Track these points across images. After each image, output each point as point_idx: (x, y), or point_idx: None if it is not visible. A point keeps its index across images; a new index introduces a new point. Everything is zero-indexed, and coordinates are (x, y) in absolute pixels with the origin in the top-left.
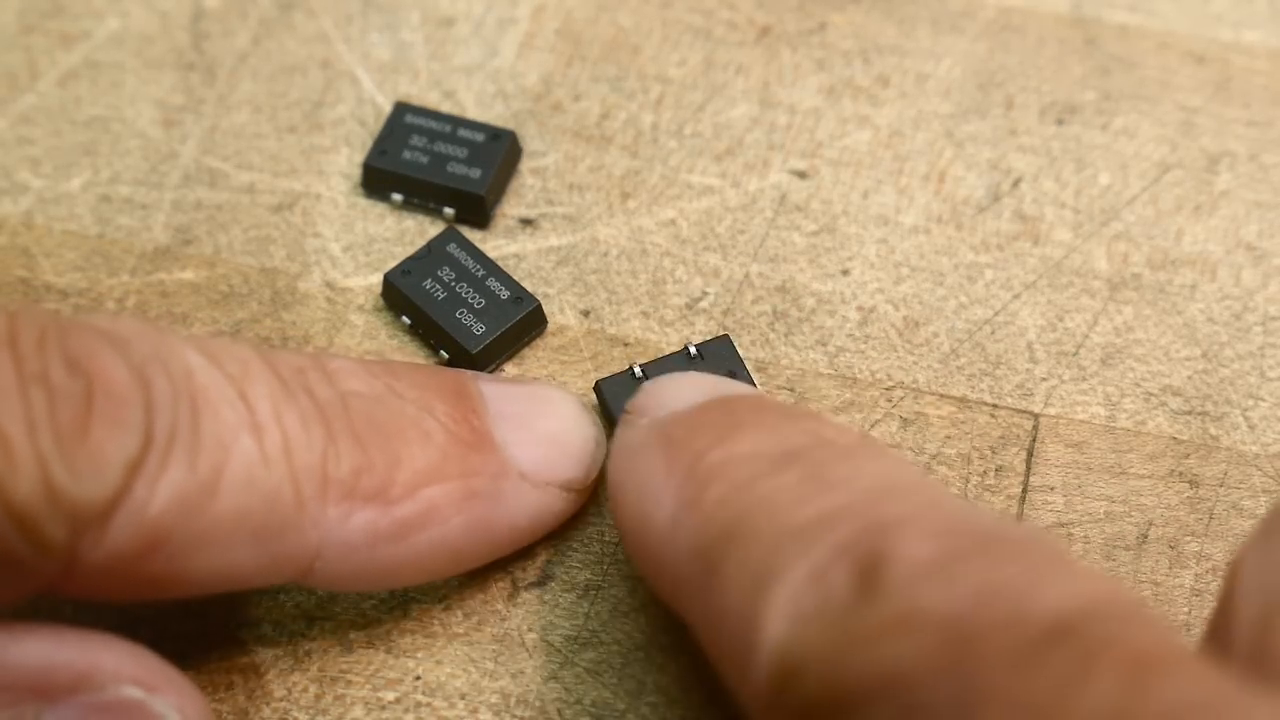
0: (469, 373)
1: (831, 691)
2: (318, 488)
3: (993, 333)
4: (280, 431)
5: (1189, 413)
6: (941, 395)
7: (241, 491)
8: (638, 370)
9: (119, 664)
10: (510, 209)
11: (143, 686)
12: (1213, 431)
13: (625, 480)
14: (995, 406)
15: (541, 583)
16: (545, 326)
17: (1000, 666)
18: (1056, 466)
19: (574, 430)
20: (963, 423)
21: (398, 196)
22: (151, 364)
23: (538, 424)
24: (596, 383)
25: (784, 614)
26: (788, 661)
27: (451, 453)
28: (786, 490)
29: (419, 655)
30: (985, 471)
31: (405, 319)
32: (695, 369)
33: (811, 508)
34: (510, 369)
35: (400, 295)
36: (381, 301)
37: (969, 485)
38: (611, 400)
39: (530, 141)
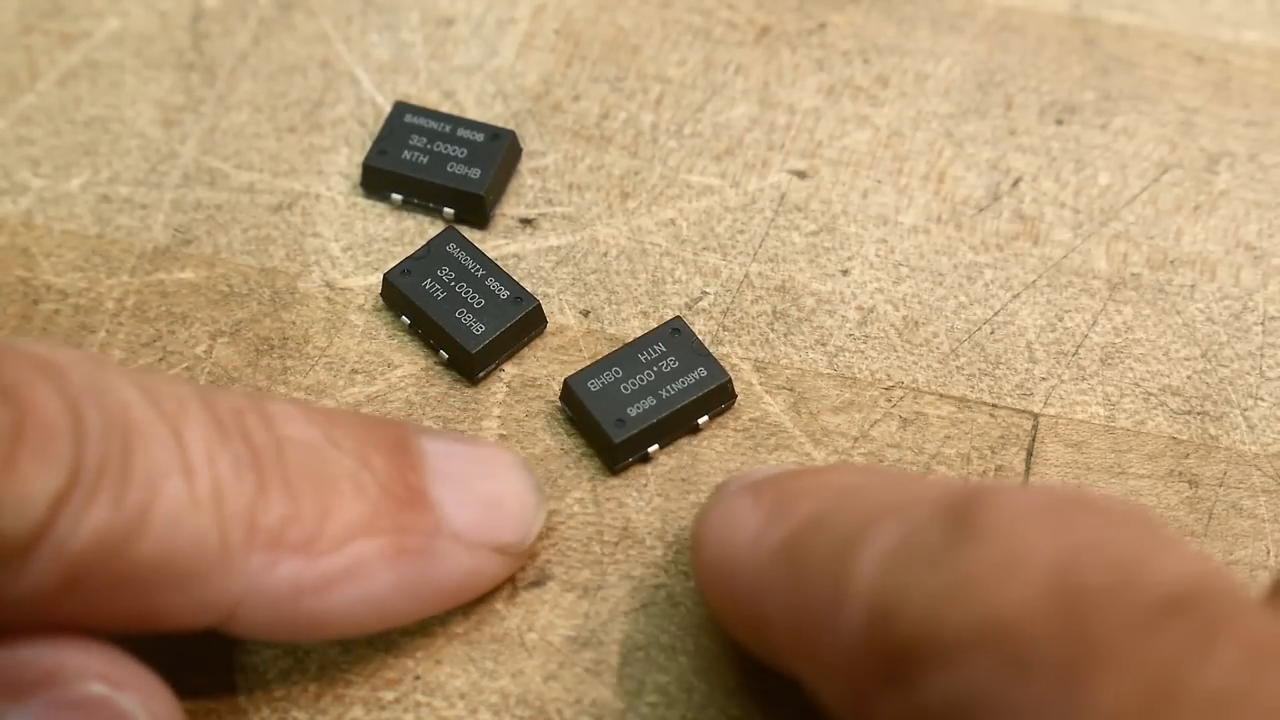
0: (413, 426)
1: (929, 636)
2: (244, 535)
3: (992, 333)
4: (211, 475)
5: (1188, 412)
6: (941, 395)
7: (167, 533)
8: (592, 385)
9: (85, 661)
10: (510, 209)
11: (109, 683)
12: (1212, 431)
13: (711, 517)
14: (995, 406)
15: (541, 583)
16: (545, 326)
17: (1119, 629)
18: (1056, 466)
19: (514, 494)
20: (962, 422)
21: (397, 196)
22: (86, 396)
23: (477, 485)
24: (565, 380)
25: (876, 561)
26: (880, 603)
27: (384, 508)
28: (875, 486)
29: (418, 655)
30: (985, 471)
31: (405, 319)
32: (652, 357)
33: (901, 490)
34: (510, 369)
35: (400, 295)
36: (381, 301)
37: None
38: (580, 392)
39: (530, 141)
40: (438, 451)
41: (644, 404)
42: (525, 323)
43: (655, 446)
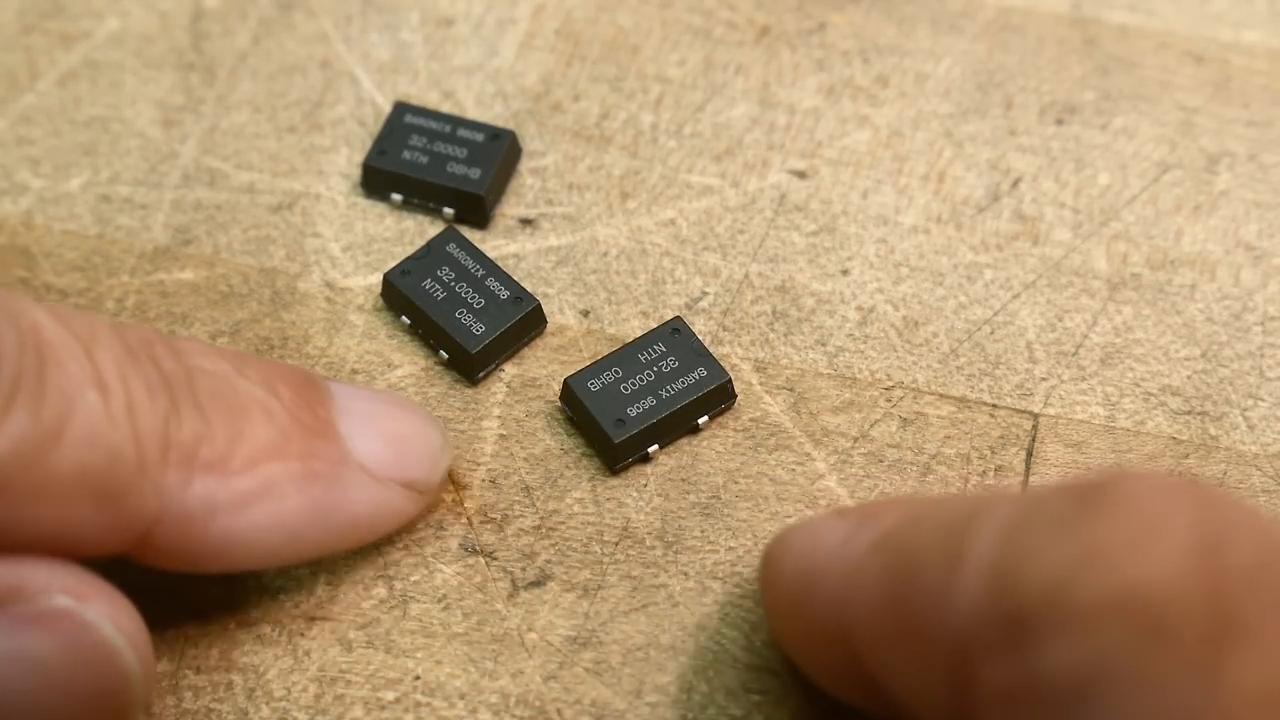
0: (318, 373)
1: (1058, 602)
2: (159, 451)
3: (992, 333)
4: (125, 392)
5: (1188, 413)
6: (941, 395)
7: (84, 446)
8: (592, 385)
9: (49, 576)
10: (510, 209)
11: (74, 596)
12: (1212, 431)
13: (790, 534)
14: (995, 406)
15: (541, 582)
16: (545, 326)
17: (1265, 608)
18: (1056, 466)
19: (418, 433)
20: (962, 423)
21: (397, 196)
22: None
23: (382, 423)
24: (565, 380)
25: (995, 532)
26: (1002, 569)
27: (293, 434)
28: (966, 494)
29: (418, 655)
30: (985, 471)
31: (405, 319)
32: (652, 357)
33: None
34: (510, 369)
35: (400, 295)
36: (381, 301)
37: (968, 485)
38: (580, 393)
39: (530, 141)
40: (343, 392)
41: (644, 404)
42: (525, 323)
43: (655, 446)
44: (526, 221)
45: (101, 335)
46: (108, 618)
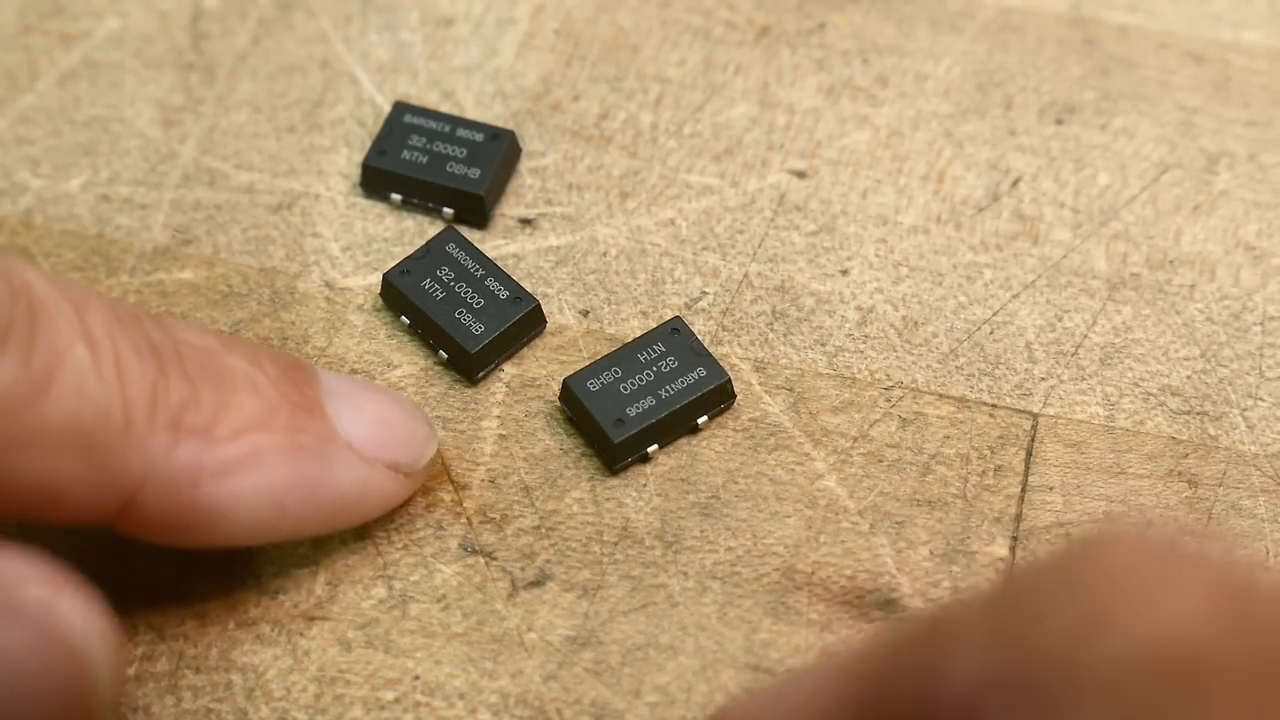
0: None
1: (1078, 667)
2: (146, 412)
3: (991, 333)
4: (114, 352)
5: (1188, 412)
6: (940, 395)
7: (72, 398)
8: (592, 385)
9: (23, 568)
10: (509, 209)
11: (48, 588)
12: (1211, 431)
13: (726, 711)
14: (994, 406)
15: (541, 582)
16: (544, 326)
17: None
18: (1055, 466)
19: (404, 417)
20: (962, 422)
21: (397, 196)
22: None
23: (368, 407)
24: (564, 380)
25: (982, 611)
26: (1002, 639)
27: (280, 407)
28: None
29: (418, 655)
30: (984, 471)
31: (404, 319)
32: (651, 357)
33: None
34: (509, 369)
35: (399, 295)
36: (380, 301)
37: (968, 485)
38: (579, 393)
39: (529, 141)
40: (330, 377)
41: (643, 404)
42: (525, 323)
43: (655, 446)
44: (526, 221)
45: (91, 300)
46: (79, 614)
